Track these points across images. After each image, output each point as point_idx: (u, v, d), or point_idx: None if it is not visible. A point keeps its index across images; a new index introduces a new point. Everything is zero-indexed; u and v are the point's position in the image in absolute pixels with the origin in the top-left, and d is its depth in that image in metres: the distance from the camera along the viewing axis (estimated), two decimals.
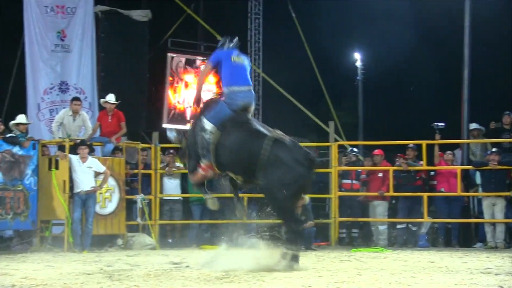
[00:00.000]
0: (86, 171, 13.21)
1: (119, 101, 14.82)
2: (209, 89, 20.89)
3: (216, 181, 9.65)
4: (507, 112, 15.18)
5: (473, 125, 15.49)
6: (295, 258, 8.60)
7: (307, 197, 13.88)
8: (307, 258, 10.25)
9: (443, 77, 19.74)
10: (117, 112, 14.78)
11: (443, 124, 14.81)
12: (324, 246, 14.38)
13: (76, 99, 14.79)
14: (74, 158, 13.24)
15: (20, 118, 14.04)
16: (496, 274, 8.15)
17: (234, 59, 9.11)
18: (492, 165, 14.06)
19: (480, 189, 14.55)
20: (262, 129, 8.79)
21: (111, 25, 17.96)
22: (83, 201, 13.14)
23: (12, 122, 13.99)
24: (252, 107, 9.23)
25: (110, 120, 14.72)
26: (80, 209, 13.14)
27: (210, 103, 9.21)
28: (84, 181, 13.17)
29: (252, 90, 9.24)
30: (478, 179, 14.60)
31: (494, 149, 14.42)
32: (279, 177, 8.47)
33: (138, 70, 18.44)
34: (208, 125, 8.92)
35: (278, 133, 8.71)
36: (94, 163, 13.35)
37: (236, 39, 9.41)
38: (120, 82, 17.35)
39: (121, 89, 16.36)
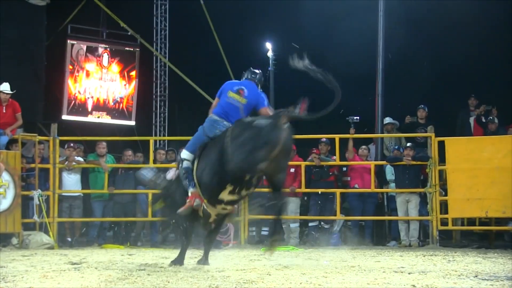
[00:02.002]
0: None
1: (14, 91, 14.53)
2: (113, 79, 21.00)
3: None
4: (422, 106, 15.51)
5: (387, 119, 15.78)
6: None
7: None
8: (215, 258, 10.29)
9: (356, 69, 19.99)
10: (12, 102, 14.52)
11: (357, 117, 14.91)
12: (234, 245, 14.42)
13: None
14: None
15: None
16: (409, 273, 8.34)
17: (231, 95, 9.16)
18: (406, 161, 14.36)
19: (392, 185, 14.84)
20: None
21: (5, 9, 17.58)
22: None
23: None
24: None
25: (4, 111, 14.44)
26: None
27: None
28: None
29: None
30: (389, 174, 14.90)
31: (408, 144, 14.74)
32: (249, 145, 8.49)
33: (35, 58, 18.16)
34: (185, 154, 9.16)
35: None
36: None
37: (259, 72, 9.56)
38: (15, 70, 17.03)
39: (17, 77, 16.02)
